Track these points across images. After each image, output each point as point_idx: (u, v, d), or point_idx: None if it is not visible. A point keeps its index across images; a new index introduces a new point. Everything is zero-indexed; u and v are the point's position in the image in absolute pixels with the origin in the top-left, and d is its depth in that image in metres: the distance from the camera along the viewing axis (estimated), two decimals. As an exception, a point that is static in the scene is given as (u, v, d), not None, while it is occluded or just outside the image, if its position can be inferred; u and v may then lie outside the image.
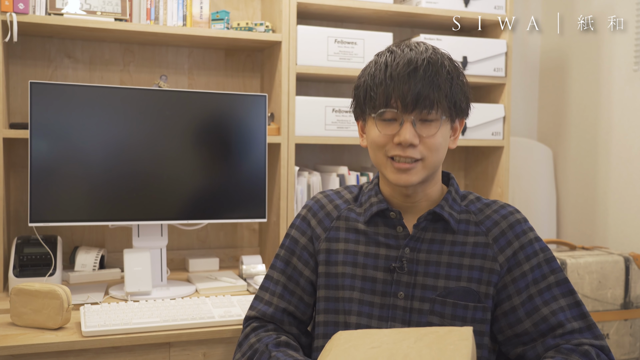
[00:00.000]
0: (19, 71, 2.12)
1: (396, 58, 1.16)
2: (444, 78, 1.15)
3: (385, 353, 0.99)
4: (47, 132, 1.79)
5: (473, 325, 1.17)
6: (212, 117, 1.96)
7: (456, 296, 1.17)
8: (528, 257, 1.18)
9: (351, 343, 1.04)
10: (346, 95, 2.53)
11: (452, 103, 1.16)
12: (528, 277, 1.17)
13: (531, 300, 1.16)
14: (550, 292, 1.17)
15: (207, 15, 2.16)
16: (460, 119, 1.23)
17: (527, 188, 2.82)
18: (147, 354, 1.54)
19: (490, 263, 1.18)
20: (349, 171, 2.29)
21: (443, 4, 2.35)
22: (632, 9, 2.52)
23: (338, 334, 1.10)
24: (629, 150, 2.55)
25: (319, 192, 1.38)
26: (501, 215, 1.22)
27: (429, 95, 1.13)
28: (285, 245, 1.34)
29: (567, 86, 2.86)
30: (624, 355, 2.37)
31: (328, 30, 2.22)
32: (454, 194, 1.25)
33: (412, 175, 1.16)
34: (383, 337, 1.04)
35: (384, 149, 1.18)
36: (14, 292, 1.55)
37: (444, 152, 1.19)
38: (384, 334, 1.06)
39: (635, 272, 2.36)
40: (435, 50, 1.18)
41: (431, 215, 1.21)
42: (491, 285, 1.17)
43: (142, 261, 1.85)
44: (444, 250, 1.20)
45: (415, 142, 1.14)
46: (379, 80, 1.17)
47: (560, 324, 1.14)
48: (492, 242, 1.19)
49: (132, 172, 1.87)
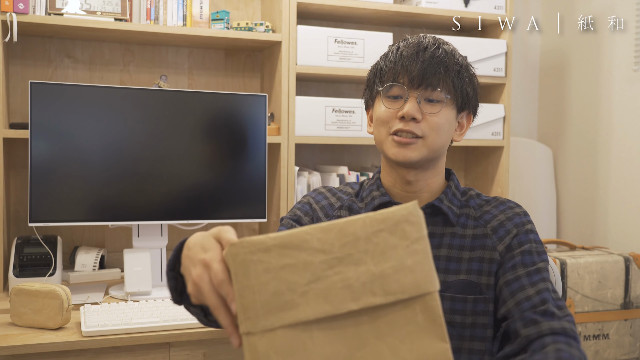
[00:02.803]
0: (19, 71, 2.12)
1: (409, 41, 1.21)
2: (453, 63, 1.17)
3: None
4: (47, 132, 1.79)
5: (475, 318, 1.15)
6: (212, 117, 1.96)
7: (454, 290, 1.16)
8: (521, 243, 1.17)
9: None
10: (346, 95, 2.53)
11: (458, 87, 1.18)
12: (516, 259, 1.15)
13: (518, 280, 1.13)
14: (540, 275, 1.13)
15: (207, 15, 2.16)
16: (468, 113, 1.24)
17: (527, 188, 2.82)
18: (147, 354, 1.54)
19: (489, 253, 1.17)
20: (349, 171, 2.29)
21: (443, 4, 2.35)
22: (632, 9, 2.52)
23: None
24: (629, 150, 2.55)
25: (321, 186, 1.36)
26: (500, 210, 1.22)
27: (435, 73, 1.15)
28: (286, 218, 1.29)
29: (567, 86, 2.86)
30: (624, 355, 2.37)
31: (328, 30, 2.22)
32: (454, 188, 1.25)
33: (412, 151, 1.16)
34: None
35: (388, 125, 1.18)
36: (14, 292, 1.55)
37: (446, 137, 1.19)
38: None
39: (635, 272, 2.36)
40: (447, 43, 1.22)
41: (430, 208, 1.21)
42: (492, 275, 1.16)
43: (142, 261, 1.85)
44: (443, 243, 1.20)
45: (418, 116, 1.15)
46: (389, 60, 1.20)
47: (543, 301, 1.08)
48: (490, 232, 1.19)
49: (132, 172, 1.87)
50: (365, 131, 2.27)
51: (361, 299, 0.71)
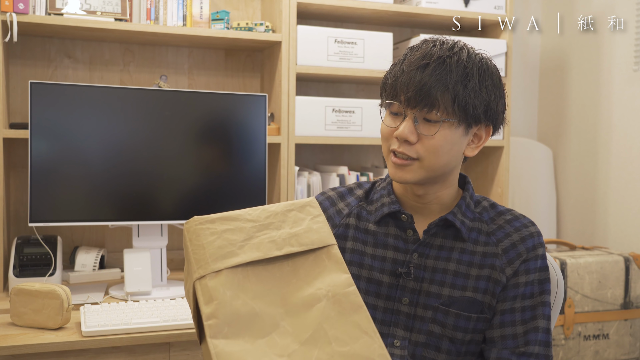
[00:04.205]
0: (19, 71, 2.12)
1: (418, 51, 1.13)
2: (457, 79, 1.09)
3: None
4: (47, 132, 1.79)
5: (473, 336, 1.15)
6: (212, 117, 1.96)
7: (459, 306, 1.15)
8: (528, 270, 1.16)
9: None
10: (346, 95, 2.53)
11: (462, 106, 1.09)
12: (519, 290, 1.15)
13: (512, 313, 1.15)
14: (533, 311, 1.15)
15: (207, 15, 2.16)
16: (486, 125, 1.16)
17: (527, 188, 2.82)
18: (147, 354, 1.54)
19: (497, 274, 1.15)
20: (349, 171, 2.29)
21: (443, 4, 2.35)
22: (632, 9, 2.52)
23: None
24: (629, 150, 2.55)
25: (330, 188, 1.33)
26: (514, 227, 1.18)
27: (431, 94, 1.08)
28: None
29: (567, 86, 2.86)
30: (624, 355, 2.37)
31: (328, 30, 2.22)
32: (469, 200, 1.21)
33: (407, 173, 1.13)
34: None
35: (388, 142, 1.15)
36: (14, 292, 1.55)
37: (447, 157, 1.13)
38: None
39: (635, 272, 2.36)
40: (462, 50, 1.13)
41: (442, 221, 1.18)
42: (495, 297, 1.15)
43: (142, 261, 1.84)
44: (452, 257, 1.17)
45: (412, 139, 1.10)
46: (395, 72, 1.14)
47: (526, 342, 1.13)
48: (501, 252, 1.16)
49: (132, 172, 1.87)
50: (365, 131, 2.27)
51: (283, 249, 0.97)
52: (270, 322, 0.91)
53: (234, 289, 0.91)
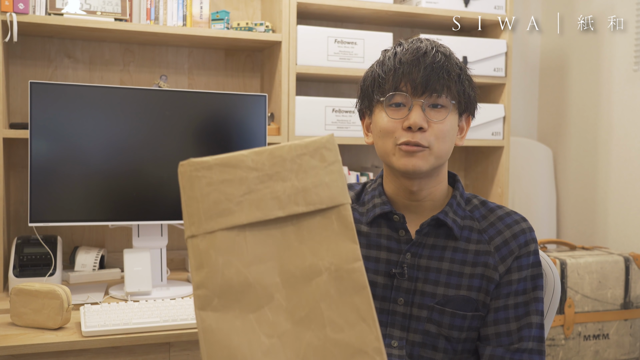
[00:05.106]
0: (19, 71, 2.12)
1: (405, 47, 1.17)
2: (453, 66, 1.15)
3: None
4: (47, 132, 1.79)
5: (468, 334, 1.16)
6: (212, 117, 1.96)
7: (454, 305, 1.15)
8: (520, 267, 1.16)
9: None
10: (346, 95, 2.53)
11: (461, 91, 1.15)
12: (512, 287, 1.16)
13: (506, 310, 1.15)
14: (526, 307, 1.15)
15: (207, 15, 2.16)
16: (467, 115, 1.22)
17: (527, 188, 2.82)
18: (147, 354, 1.54)
19: (490, 272, 1.16)
20: (349, 171, 2.29)
21: (443, 4, 2.35)
22: (632, 9, 2.52)
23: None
24: (629, 150, 2.55)
25: None
26: (506, 224, 1.19)
27: (438, 79, 1.12)
28: None
29: (567, 86, 2.86)
30: (624, 355, 2.37)
31: (328, 30, 2.22)
32: (459, 198, 1.22)
33: (420, 159, 1.12)
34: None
35: (393, 137, 1.14)
36: (14, 292, 1.55)
37: (451, 143, 1.16)
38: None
39: (635, 272, 2.36)
40: (444, 46, 1.20)
41: (434, 221, 1.18)
42: (489, 294, 1.16)
43: (142, 261, 1.85)
44: (445, 256, 1.18)
45: (425, 125, 1.11)
46: (387, 68, 1.15)
47: (520, 338, 1.14)
48: (494, 250, 1.17)
49: (132, 172, 1.87)
50: (365, 131, 2.27)
51: (287, 208, 0.85)
52: (264, 294, 0.83)
53: (227, 253, 0.83)
